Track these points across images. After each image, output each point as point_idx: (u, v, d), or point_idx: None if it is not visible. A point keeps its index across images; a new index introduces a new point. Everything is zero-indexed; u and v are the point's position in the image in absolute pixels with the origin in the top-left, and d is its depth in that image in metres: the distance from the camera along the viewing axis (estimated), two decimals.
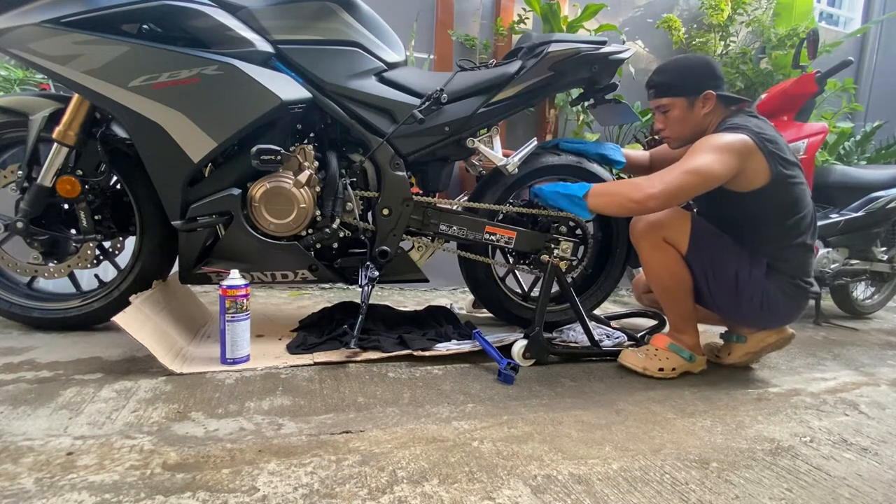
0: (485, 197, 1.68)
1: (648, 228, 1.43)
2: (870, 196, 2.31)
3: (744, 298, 1.41)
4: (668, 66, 1.46)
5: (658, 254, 1.43)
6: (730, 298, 1.43)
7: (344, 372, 1.36)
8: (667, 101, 1.43)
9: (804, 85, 2.14)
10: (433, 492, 0.84)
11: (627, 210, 1.38)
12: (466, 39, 3.15)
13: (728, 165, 1.29)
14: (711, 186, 1.30)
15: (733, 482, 0.93)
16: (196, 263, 1.51)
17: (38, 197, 1.46)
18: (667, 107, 1.44)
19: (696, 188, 1.29)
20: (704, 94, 1.40)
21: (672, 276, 1.44)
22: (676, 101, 1.42)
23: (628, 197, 1.33)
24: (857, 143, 3.44)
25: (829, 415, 1.27)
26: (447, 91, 1.54)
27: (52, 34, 1.29)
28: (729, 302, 1.45)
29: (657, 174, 1.33)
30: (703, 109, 1.41)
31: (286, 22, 1.45)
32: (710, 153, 1.29)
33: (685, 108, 1.42)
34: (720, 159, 1.28)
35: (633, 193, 1.32)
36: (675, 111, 1.43)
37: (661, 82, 1.44)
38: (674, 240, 1.41)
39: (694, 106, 1.41)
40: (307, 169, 1.49)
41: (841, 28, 4.54)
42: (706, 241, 1.41)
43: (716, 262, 1.41)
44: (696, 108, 1.42)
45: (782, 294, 1.40)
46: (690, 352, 1.47)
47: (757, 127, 1.34)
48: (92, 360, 1.35)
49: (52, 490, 0.79)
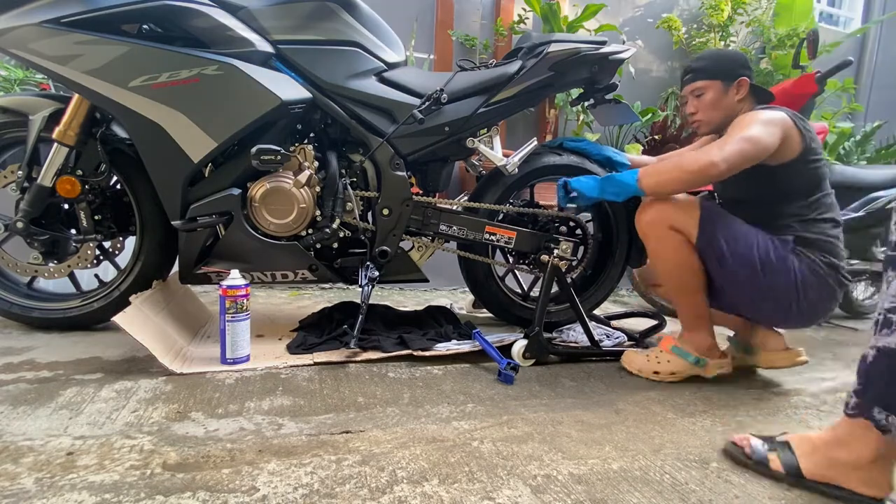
0: (485, 197, 1.68)
1: (654, 217, 1.38)
2: (870, 196, 2.31)
3: (768, 279, 1.31)
4: (705, 53, 1.49)
5: (666, 243, 1.37)
6: (751, 282, 1.33)
7: (344, 372, 1.36)
8: (702, 84, 1.43)
9: (804, 85, 2.14)
10: (433, 492, 0.84)
11: (687, 183, 1.31)
12: (466, 39, 3.15)
13: (776, 137, 1.28)
14: (763, 157, 1.28)
15: (733, 482, 0.93)
16: (196, 263, 1.51)
17: (38, 197, 1.46)
18: (702, 90, 1.44)
19: (751, 157, 1.27)
20: (739, 81, 1.41)
21: (681, 266, 1.38)
22: (712, 84, 1.42)
23: (686, 169, 1.29)
24: (857, 143, 3.44)
25: (829, 415, 1.27)
26: (447, 91, 1.55)
27: (53, 34, 1.29)
28: (751, 288, 1.34)
29: (709, 146, 1.30)
30: (736, 95, 1.42)
31: (286, 22, 1.45)
32: (758, 125, 1.28)
33: (720, 92, 1.42)
34: (769, 131, 1.28)
35: (690, 165, 1.28)
36: (710, 94, 1.43)
37: (698, 67, 1.45)
38: (682, 226, 1.35)
39: (728, 91, 1.42)
40: (307, 169, 1.49)
41: (841, 28, 4.54)
42: (719, 223, 1.34)
43: (732, 240, 1.33)
44: (731, 94, 1.42)
45: (812, 273, 1.31)
46: (698, 355, 1.40)
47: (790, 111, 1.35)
48: (92, 360, 1.35)
49: (52, 490, 0.79)
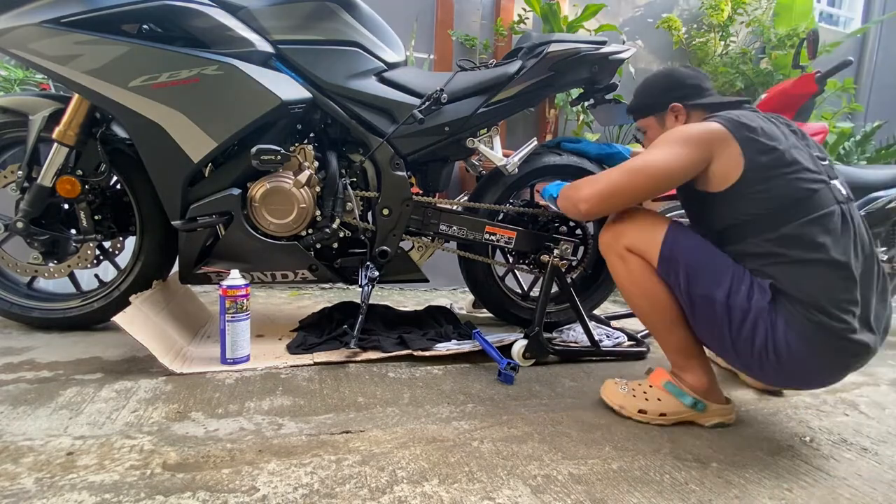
0: (485, 197, 1.68)
1: (610, 237, 1.21)
2: (870, 196, 2.31)
3: (734, 334, 1.05)
4: (637, 89, 1.36)
5: (622, 266, 1.18)
6: (715, 331, 1.09)
7: (344, 372, 1.36)
8: (641, 124, 1.34)
9: (804, 85, 2.14)
10: (433, 492, 0.84)
11: (571, 215, 1.25)
12: (466, 39, 3.15)
13: (687, 159, 1.06)
14: (665, 186, 1.10)
15: (733, 482, 0.93)
16: (196, 263, 1.51)
17: (38, 197, 1.46)
18: (643, 128, 1.34)
19: (639, 190, 1.10)
20: (671, 108, 1.25)
21: (644, 296, 1.16)
22: (648, 122, 1.32)
23: (568, 199, 1.20)
24: (857, 143, 3.44)
25: (829, 415, 1.27)
26: (447, 91, 1.54)
27: (53, 34, 1.28)
28: (715, 337, 1.10)
29: (601, 173, 1.18)
30: (676, 123, 1.25)
31: (286, 22, 1.45)
32: (665, 146, 1.10)
33: (657, 127, 1.29)
34: (676, 153, 1.07)
35: (569, 197, 1.19)
36: (650, 132, 1.32)
37: (630, 107, 1.36)
38: (641, 249, 1.15)
39: (665, 122, 1.28)
40: (307, 169, 1.49)
41: (841, 28, 4.54)
42: (683, 250, 1.10)
43: (693, 271, 1.08)
44: (669, 123, 1.27)
45: (798, 336, 1.00)
46: (695, 397, 1.15)
47: (736, 116, 1.10)
48: (92, 360, 1.35)
49: (52, 490, 0.79)
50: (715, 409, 1.16)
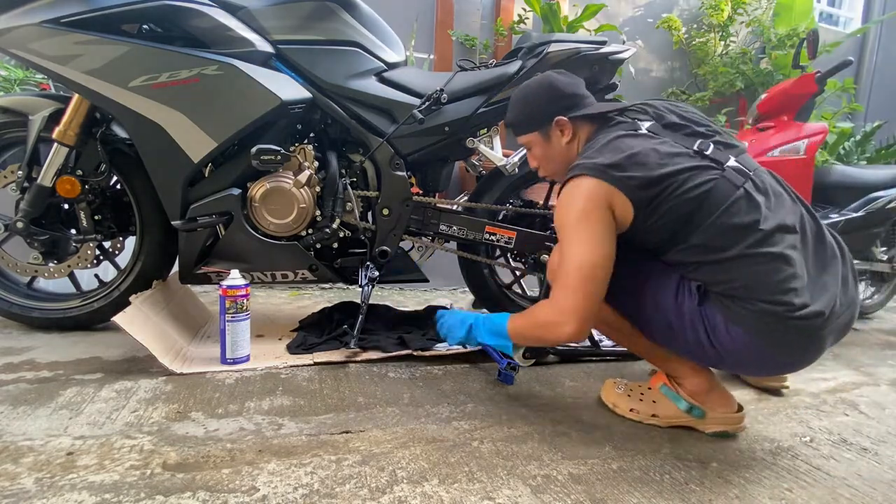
0: (485, 197, 1.68)
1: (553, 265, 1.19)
2: (870, 196, 2.31)
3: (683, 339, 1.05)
4: (512, 100, 1.24)
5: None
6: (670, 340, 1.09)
7: (344, 372, 1.36)
8: (523, 140, 1.23)
9: (804, 85, 2.14)
10: (433, 492, 0.84)
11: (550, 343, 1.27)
12: (466, 39, 3.15)
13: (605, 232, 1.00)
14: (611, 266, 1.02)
15: (733, 482, 0.93)
16: (196, 263, 1.51)
17: (38, 197, 1.46)
18: (527, 144, 1.24)
19: (603, 281, 1.01)
20: (556, 122, 1.16)
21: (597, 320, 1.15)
22: (531, 138, 1.21)
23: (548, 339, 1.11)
24: (857, 143, 3.43)
25: (829, 415, 1.27)
26: (447, 91, 1.54)
27: (52, 34, 1.28)
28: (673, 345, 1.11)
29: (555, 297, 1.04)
30: (562, 138, 1.17)
31: (286, 22, 1.45)
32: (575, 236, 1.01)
33: (543, 143, 1.20)
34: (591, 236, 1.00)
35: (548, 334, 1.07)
36: (536, 149, 1.22)
37: (509, 122, 1.25)
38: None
39: (550, 137, 1.18)
40: (307, 169, 1.49)
41: (841, 28, 4.54)
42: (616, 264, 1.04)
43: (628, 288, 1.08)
44: (555, 139, 1.18)
45: (743, 328, 0.98)
46: (691, 402, 1.12)
47: (601, 151, 1.04)
48: (92, 360, 1.35)
49: (52, 490, 0.79)
50: (717, 417, 1.12)
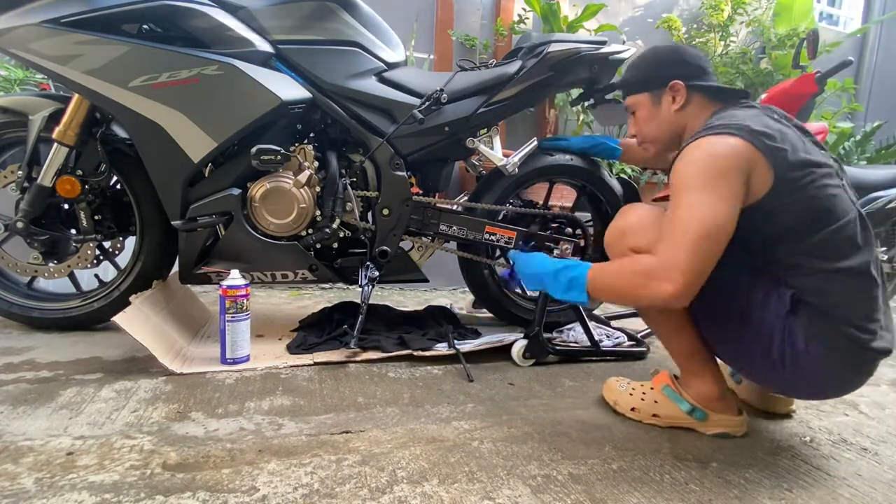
0: (485, 197, 1.68)
1: (613, 237, 1.15)
2: (870, 196, 2.31)
3: (748, 340, 1.00)
4: (632, 61, 1.22)
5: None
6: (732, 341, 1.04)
7: (344, 372, 1.36)
8: (631, 101, 1.19)
9: (804, 85, 2.14)
10: (433, 492, 0.84)
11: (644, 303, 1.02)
12: (466, 39, 3.15)
13: (736, 198, 0.92)
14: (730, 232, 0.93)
15: (733, 482, 0.93)
16: (196, 263, 1.51)
17: (38, 197, 1.46)
18: (633, 107, 1.20)
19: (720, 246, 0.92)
20: (671, 86, 1.11)
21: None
22: (639, 99, 1.17)
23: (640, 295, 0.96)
24: (857, 143, 3.44)
25: (829, 415, 1.27)
26: (447, 91, 1.54)
27: (52, 34, 1.29)
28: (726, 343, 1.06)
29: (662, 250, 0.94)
30: (672, 105, 1.12)
31: (286, 22, 1.45)
32: (700, 193, 0.92)
33: (649, 106, 1.16)
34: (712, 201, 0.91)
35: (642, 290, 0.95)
36: (641, 111, 1.18)
37: (622, 82, 1.23)
38: (645, 250, 1.04)
39: (661, 101, 1.13)
40: (307, 169, 1.49)
41: (841, 28, 4.54)
42: None
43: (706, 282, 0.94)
44: (664, 104, 1.13)
45: (821, 346, 0.94)
46: (694, 404, 1.10)
47: (746, 118, 0.97)
48: (92, 360, 1.35)
49: (52, 490, 0.79)
50: (719, 420, 1.11)
